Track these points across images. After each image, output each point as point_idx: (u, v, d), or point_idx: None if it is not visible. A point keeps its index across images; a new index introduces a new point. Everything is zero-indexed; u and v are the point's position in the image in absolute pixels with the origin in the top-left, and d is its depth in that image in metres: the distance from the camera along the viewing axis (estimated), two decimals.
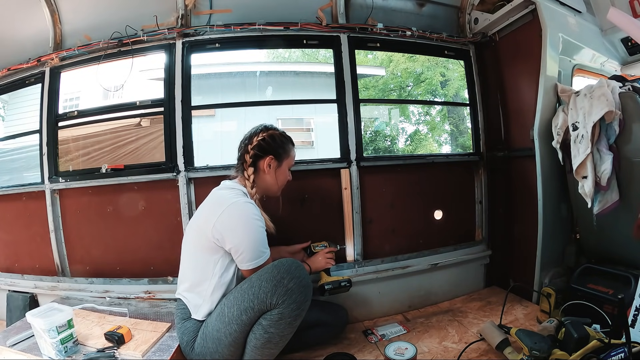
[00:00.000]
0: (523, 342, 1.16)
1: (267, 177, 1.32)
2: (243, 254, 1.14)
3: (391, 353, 1.26)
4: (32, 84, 1.85)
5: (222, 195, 1.24)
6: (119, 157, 1.95)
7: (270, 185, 1.34)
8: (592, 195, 1.40)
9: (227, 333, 1.07)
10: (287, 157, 1.35)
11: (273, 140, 1.32)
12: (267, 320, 1.04)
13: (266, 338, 1.05)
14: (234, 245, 1.14)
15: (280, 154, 1.33)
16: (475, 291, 1.93)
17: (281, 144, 1.34)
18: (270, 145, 1.31)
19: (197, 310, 1.18)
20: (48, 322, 1.05)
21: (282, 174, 1.35)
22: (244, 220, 1.16)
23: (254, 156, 1.30)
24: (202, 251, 1.18)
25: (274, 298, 1.03)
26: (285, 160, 1.35)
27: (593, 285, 1.42)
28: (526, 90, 1.74)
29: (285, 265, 1.08)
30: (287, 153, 1.35)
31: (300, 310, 1.06)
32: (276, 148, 1.32)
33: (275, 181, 1.33)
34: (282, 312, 1.03)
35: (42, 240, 1.75)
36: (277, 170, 1.33)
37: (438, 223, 1.90)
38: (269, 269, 1.09)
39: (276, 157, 1.32)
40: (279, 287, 1.04)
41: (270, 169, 1.31)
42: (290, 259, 1.12)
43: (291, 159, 1.38)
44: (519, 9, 1.71)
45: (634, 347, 0.98)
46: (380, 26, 1.80)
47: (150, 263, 1.68)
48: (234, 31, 1.69)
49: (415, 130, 5.97)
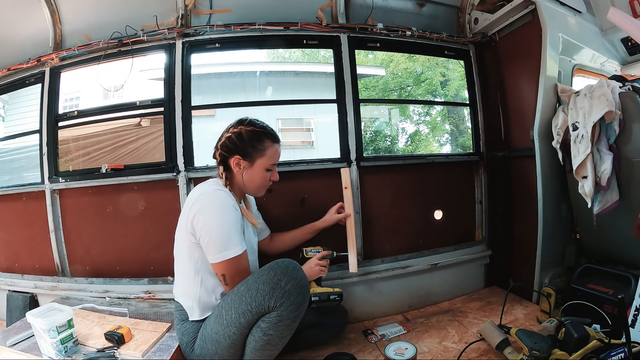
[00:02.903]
0: (523, 342, 1.16)
1: (238, 177, 1.23)
2: (209, 243, 1.10)
3: (391, 353, 1.27)
4: (32, 84, 1.85)
5: (197, 187, 1.22)
6: (119, 157, 1.95)
7: (246, 186, 1.24)
8: (592, 195, 1.40)
9: (225, 335, 1.06)
10: (261, 156, 1.22)
11: (239, 139, 1.20)
12: (266, 323, 1.03)
13: (265, 340, 1.04)
14: (201, 233, 1.10)
15: (249, 153, 1.21)
16: (475, 291, 1.93)
17: (250, 142, 1.21)
18: (235, 144, 1.21)
19: (191, 313, 1.18)
20: (48, 322, 1.06)
21: (256, 174, 1.23)
22: (212, 206, 1.11)
23: (220, 155, 1.23)
24: (184, 252, 1.17)
25: (271, 301, 1.01)
26: (258, 159, 1.22)
27: (593, 285, 1.42)
28: (526, 90, 1.74)
29: (281, 266, 1.05)
30: (260, 152, 1.22)
31: (299, 312, 1.04)
32: (244, 147, 1.20)
33: (248, 182, 1.23)
34: (281, 315, 1.02)
35: (42, 240, 1.75)
36: (248, 171, 1.22)
37: (438, 223, 1.90)
38: (265, 271, 1.06)
39: (244, 156, 1.21)
40: (277, 289, 1.01)
41: (240, 169, 1.21)
42: (286, 260, 1.09)
43: (268, 158, 1.23)
44: (519, 9, 1.71)
45: (634, 347, 0.98)
46: (380, 26, 1.80)
47: (150, 263, 1.68)
48: (234, 31, 1.69)
49: (415, 131, 5.97)
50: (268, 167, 1.25)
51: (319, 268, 1.33)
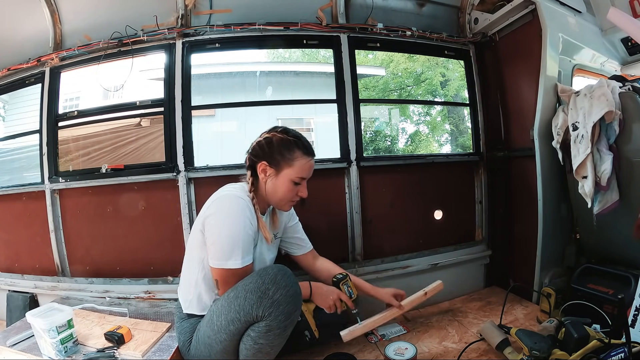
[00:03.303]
0: (523, 342, 1.15)
1: (263, 185, 1.19)
2: (212, 247, 1.09)
3: (391, 353, 1.26)
4: (32, 84, 1.85)
5: (222, 188, 1.21)
6: (119, 157, 1.95)
7: (269, 196, 1.20)
8: (592, 195, 1.39)
9: (217, 341, 1.05)
10: (288, 166, 1.16)
11: (269, 145, 1.17)
12: (256, 332, 1.00)
13: (256, 349, 1.01)
14: (208, 235, 1.09)
15: (277, 161, 1.16)
16: (475, 291, 1.93)
17: (279, 150, 1.16)
18: (264, 149, 1.17)
19: (189, 306, 1.17)
20: (48, 322, 1.05)
21: (281, 184, 1.17)
22: (226, 212, 1.09)
23: (249, 159, 1.22)
24: (195, 245, 1.16)
25: (259, 310, 0.97)
26: (285, 169, 1.16)
27: (593, 285, 1.42)
28: (526, 90, 1.74)
29: (270, 274, 1.01)
30: (289, 161, 1.16)
31: (289, 321, 1.01)
32: (272, 153, 1.16)
33: (272, 191, 1.18)
34: (270, 325, 0.98)
35: (42, 240, 1.75)
36: (273, 179, 1.17)
37: (438, 223, 1.90)
38: (253, 278, 1.02)
39: (270, 163, 1.16)
40: (264, 298, 0.97)
41: (265, 176, 1.18)
42: (277, 266, 1.05)
43: (297, 170, 1.16)
44: (519, 9, 1.71)
45: (634, 347, 0.98)
46: (380, 26, 1.80)
47: (150, 263, 1.68)
48: (234, 31, 1.69)
49: (415, 131, 5.98)
50: (295, 180, 1.17)
51: (332, 303, 1.22)
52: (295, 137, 1.19)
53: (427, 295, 1.34)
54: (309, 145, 1.21)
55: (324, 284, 1.30)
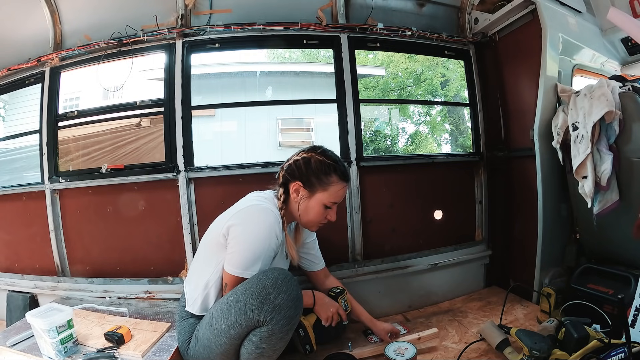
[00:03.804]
0: (523, 342, 1.15)
1: (294, 204, 1.18)
2: (233, 255, 1.08)
3: (391, 353, 1.26)
4: (32, 84, 1.85)
5: (252, 195, 1.21)
6: (119, 157, 1.95)
7: (298, 216, 1.19)
8: (592, 195, 1.39)
9: (217, 344, 1.04)
10: (324, 190, 1.15)
11: (307, 165, 1.16)
12: (257, 337, 0.99)
13: (258, 353, 1.00)
14: (231, 242, 1.09)
15: (312, 183, 1.15)
16: (475, 291, 1.93)
17: (316, 172, 1.15)
18: (301, 170, 1.16)
19: (192, 304, 1.17)
20: (48, 322, 1.05)
21: (313, 207, 1.17)
22: (254, 224, 1.08)
23: (283, 177, 1.20)
24: (213, 245, 1.15)
25: (261, 315, 0.96)
26: (319, 192, 1.16)
27: (593, 285, 1.42)
28: (526, 90, 1.74)
29: (270, 278, 1.00)
30: (324, 185, 1.15)
31: (291, 325, 1.01)
32: (308, 175, 1.15)
33: (303, 213, 1.18)
34: (272, 329, 0.97)
35: (42, 240, 1.75)
36: (306, 201, 1.17)
37: (438, 223, 1.90)
38: (254, 283, 1.01)
39: (305, 185, 1.16)
40: (266, 303, 0.96)
41: (297, 197, 1.17)
42: (277, 270, 1.04)
43: (330, 195, 1.16)
44: (519, 9, 1.71)
45: (634, 347, 0.98)
46: (380, 26, 1.80)
47: (150, 263, 1.68)
48: (234, 31, 1.69)
49: (415, 131, 5.97)
50: (327, 204, 1.18)
51: (331, 315, 1.26)
52: (333, 162, 1.18)
53: (421, 340, 1.35)
54: (346, 171, 1.21)
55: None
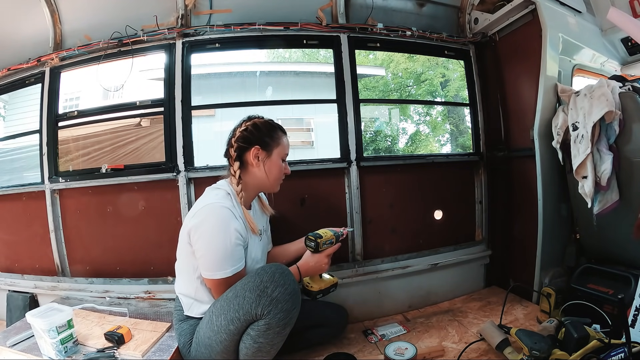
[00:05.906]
0: (523, 342, 1.15)
1: (256, 170, 1.22)
2: (201, 258, 1.09)
3: (391, 353, 1.26)
4: (32, 84, 1.85)
5: (205, 195, 1.20)
6: (119, 157, 1.95)
7: (262, 180, 1.23)
8: (592, 195, 1.39)
9: (217, 341, 1.05)
10: (277, 145, 1.24)
11: (257, 129, 1.23)
12: (255, 331, 1.01)
13: (256, 347, 1.02)
14: (196, 247, 1.09)
15: (267, 143, 1.22)
16: (475, 291, 1.93)
17: (267, 132, 1.23)
18: (254, 134, 1.22)
19: (190, 309, 1.18)
20: (48, 322, 1.05)
21: (274, 165, 1.23)
22: (211, 225, 1.08)
23: (238, 149, 1.22)
24: (185, 254, 1.15)
25: (258, 309, 0.98)
26: (275, 149, 1.23)
27: (593, 285, 1.42)
28: (526, 90, 1.74)
29: (268, 272, 1.02)
30: (277, 141, 1.24)
31: (288, 319, 1.01)
32: (262, 137, 1.22)
33: (266, 175, 1.22)
34: (269, 323, 0.99)
35: (42, 240, 1.75)
36: (267, 162, 1.22)
37: (438, 223, 1.90)
38: (252, 278, 1.03)
39: (263, 146, 1.21)
40: (263, 297, 0.98)
41: (258, 161, 1.21)
42: (275, 265, 1.06)
43: (283, 148, 1.26)
44: (519, 9, 1.71)
45: (634, 347, 0.98)
46: (380, 26, 1.80)
47: (150, 263, 1.68)
48: (234, 31, 1.69)
49: (415, 131, 5.97)
50: (283, 157, 1.27)
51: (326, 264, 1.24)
52: (270, 120, 1.29)
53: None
54: (281, 125, 1.31)
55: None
